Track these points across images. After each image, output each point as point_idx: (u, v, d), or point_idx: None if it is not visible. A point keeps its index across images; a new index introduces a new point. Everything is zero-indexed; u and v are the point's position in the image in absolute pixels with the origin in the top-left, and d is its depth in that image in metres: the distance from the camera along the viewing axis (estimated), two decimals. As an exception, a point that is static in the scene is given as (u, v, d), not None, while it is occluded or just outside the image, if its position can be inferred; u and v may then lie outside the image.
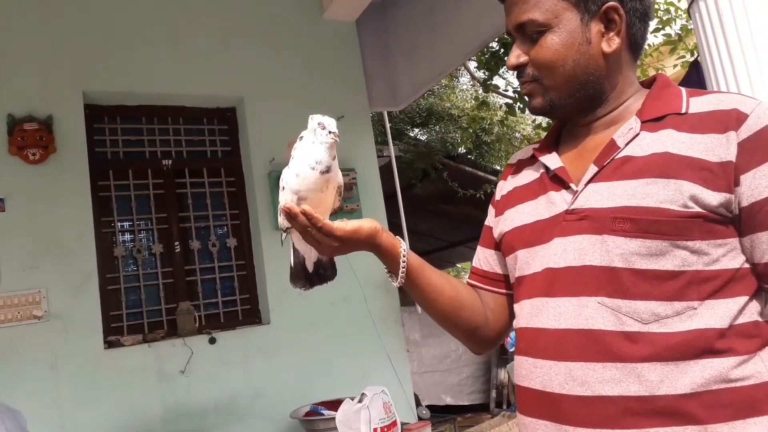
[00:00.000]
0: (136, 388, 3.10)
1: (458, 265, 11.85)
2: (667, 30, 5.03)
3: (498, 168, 6.90)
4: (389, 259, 1.02)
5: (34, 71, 3.19)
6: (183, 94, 3.65)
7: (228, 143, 3.85)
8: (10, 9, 3.19)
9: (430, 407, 5.54)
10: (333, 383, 3.42)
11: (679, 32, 5.08)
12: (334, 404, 2.82)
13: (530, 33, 0.95)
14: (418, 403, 4.93)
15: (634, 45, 0.97)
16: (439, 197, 7.00)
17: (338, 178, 1.02)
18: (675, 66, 5.00)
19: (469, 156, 7.32)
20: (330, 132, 0.95)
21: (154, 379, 3.16)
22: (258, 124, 3.73)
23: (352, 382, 3.30)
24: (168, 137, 3.69)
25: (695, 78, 2.33)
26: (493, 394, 6.19)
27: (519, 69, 0.98)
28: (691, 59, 4.40)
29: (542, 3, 0.93)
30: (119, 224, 3.48)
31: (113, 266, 3.39)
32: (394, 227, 4.56)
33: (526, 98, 1.02)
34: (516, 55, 0.97)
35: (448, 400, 6.23)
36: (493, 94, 6.58)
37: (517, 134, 7.29)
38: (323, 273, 1.10)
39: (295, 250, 1.09)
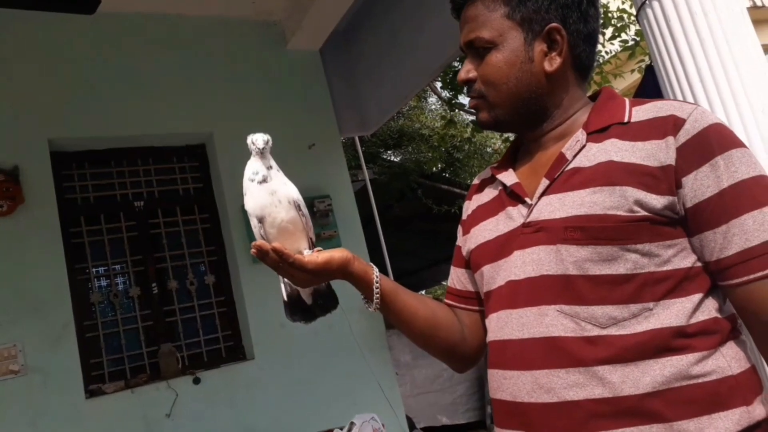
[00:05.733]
0: (122, 437, 3.02)
1: (444, 283, 11.83)
2: (623, 36, 5.16)
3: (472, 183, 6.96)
4: (363, 285, 1.04)
5: (-4, 123, 3.16)
6: (151, 134, 3.63)
7: (200, 180, 3.83)
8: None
9: (426, 429, 5.50)
10: (323, 414, 3.37)
11: (635, 37, 5.21)
12: (325, 435, 2.78)
13: (478, 49, 0.98)
14: (412, 427, 4.87)
15: (580, 65, 1.00)
16: (418, 216, 7.04)
17: (286, 191, 1.03)
18: (633, 71, 5.11)
19: (444, 174, 7.39)
20: (253, 143, 1.01)
21: (140, 425, 3.09)
22: (229, 158, 3.72)
23: (342, 411, 3.26)
24: (138, 178, 3.67)
25: (651, 82, 2.38)
26: (489, 410, 6.13)
27: (468, 84, 1.02)
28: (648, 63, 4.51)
29: (490, 22, 0.96)
30: (94, 270, 3.43)
31: (90, 313, 3.33)
32: (375, 249, 4.56)
33: (474, 112, 1.04)
34: (466, 71, 1.01)
35: (444, 420, 6.16)
36: (460, 112, 6.67)
37: (488, 149, 7.39)
38: (323, 303, 1.10)
39: (286, 284, 1.09)
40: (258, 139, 1.02)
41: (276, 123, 3.89)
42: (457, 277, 1.16)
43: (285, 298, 1.09)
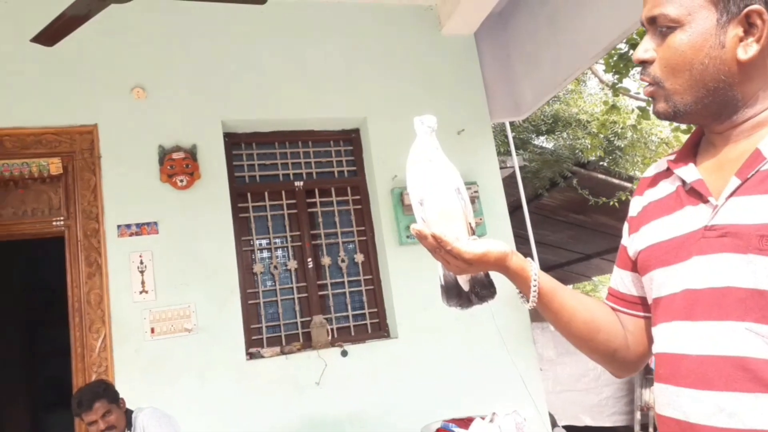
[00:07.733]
0: (276, 398, 3.27)
1: (594, 279, 11.25)
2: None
3: (633, 174, 6.49)
4: (519, 281, 1.01)
5: (178, 105, 3.52)
6: (311, 119, 3.85)
7: (353, 163, 3.99)
8: (156, 52, 3.57)
9: (567, 428, 5.30)
10: (461, 400, 3.37)
11: None
12: (465, 422, 2.79)
13: (661, 28, 0.88)
14: (554, 424, 4.72)
15: None
16: (569, 207, 6.72)
17: (447, 174, 1.02)
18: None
19: (602, 162, 6.95)
20: (423, 123, 1.04)
21: (292, 389, 3.32)
22: (380, 143, 3.83)
23: (481, 400, 3.24)
24: (299, 160, 3.90)
25: None
26: (638, 416, 5.77)
27: (643, 65, 0.92)
28: None
29: None
30: (257, 243, 3.72)
31: (253, 282, 3.63)
32: (521, 239, 4.45)
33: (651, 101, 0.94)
34: (644, 49, 0.91)
35: (588, 421, 5.91)
36: (624, 98, 6.22)
37: (653, 137, 6.82)
38: (480, 291, 1.08)
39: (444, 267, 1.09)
40: (431, 120, 1.03)
41: (427, 108, 3.83)
42: (620, 279, 1.07)
43: (442, 281, 1.08)
